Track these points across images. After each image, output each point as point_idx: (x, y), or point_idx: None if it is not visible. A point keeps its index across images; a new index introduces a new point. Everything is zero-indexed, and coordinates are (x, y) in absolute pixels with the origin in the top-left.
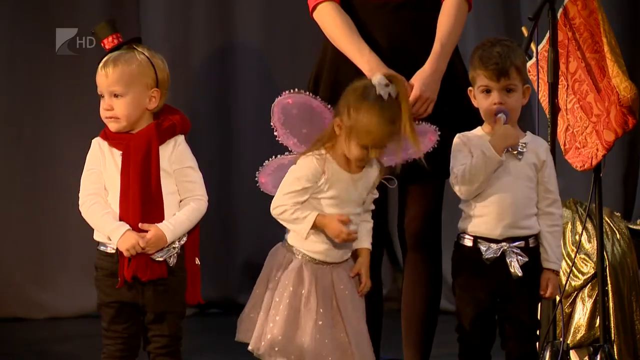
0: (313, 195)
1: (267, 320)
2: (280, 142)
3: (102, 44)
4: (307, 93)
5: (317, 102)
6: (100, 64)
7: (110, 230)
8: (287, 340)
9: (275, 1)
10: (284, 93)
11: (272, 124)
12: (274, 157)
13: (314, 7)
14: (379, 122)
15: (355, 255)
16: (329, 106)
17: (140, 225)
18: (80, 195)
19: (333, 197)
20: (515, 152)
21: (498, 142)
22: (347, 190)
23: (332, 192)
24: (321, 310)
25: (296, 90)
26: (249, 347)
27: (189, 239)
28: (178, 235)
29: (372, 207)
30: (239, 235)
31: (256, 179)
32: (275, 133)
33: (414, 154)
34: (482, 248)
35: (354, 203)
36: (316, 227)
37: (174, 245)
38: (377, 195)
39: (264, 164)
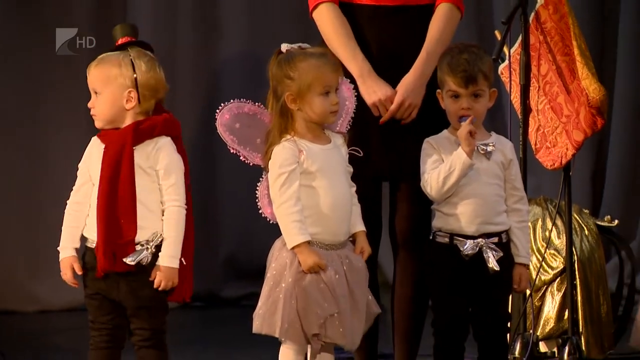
0: (304, 183)
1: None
2: (249, 163)
3: (115, 44)
4: (232, 100)
5: (247, 105)
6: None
7: (60, 246)
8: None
9: (259, 6)
10: (217, 115)
11: (231, 150)
12: (257, 186)
13: (315, 7)
14: (317, 61)
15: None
16: (257, 103)
17: (127, 260)
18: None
19: (319, 169)
20: (483, 152)
21: (465, 146)
22: (327, 160)
23: (316, 165)
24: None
25: (222, 105)
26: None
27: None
28: (179, 253)
29: (354, 186)
30: (222, 231)
31: (261, 212)
32: (242, 159)
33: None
34: (459, 245)
35: (340, 173)
36: (299, 249)
37: (147, 247)
38: (352, 170)
39: (257, 195)
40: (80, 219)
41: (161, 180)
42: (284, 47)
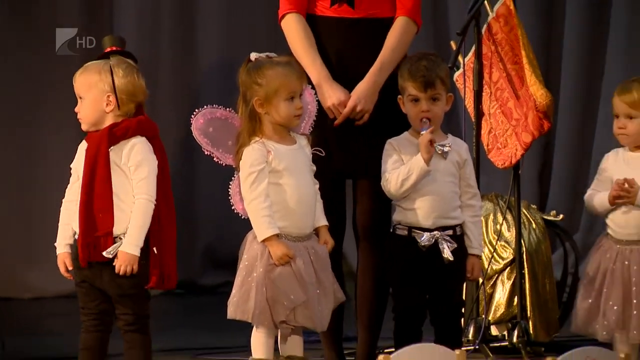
0: (272, 181)
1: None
2: (222, 164)
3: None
4: (206, 106)
5: (218, 110)
6: None
7: (56, 242)
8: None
9: (234, 18)
10: (192, 119)
11: (205, 152)
12: (230, 184)
13: (282, 17)
14: (282, 69)
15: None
16: (228, 109)
17: (104, 253)
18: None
19: (285, 168)
20: (440, 152)
21: (424, 153)
22: (293, 159)
23: (283, 164)
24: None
25: (196, 110)
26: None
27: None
28: (141, 242)
29: (317, 183)
30: (200, 225)
31: (233, 208)
32: (216, 160)
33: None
34: (417, 237)
35: (305, 171)
36: (269, 241)
37: (122, 240)
38: (315, 169)
39: (229, 192)
40: (72, 216)
41: (132, 175)
42: (253, 55)
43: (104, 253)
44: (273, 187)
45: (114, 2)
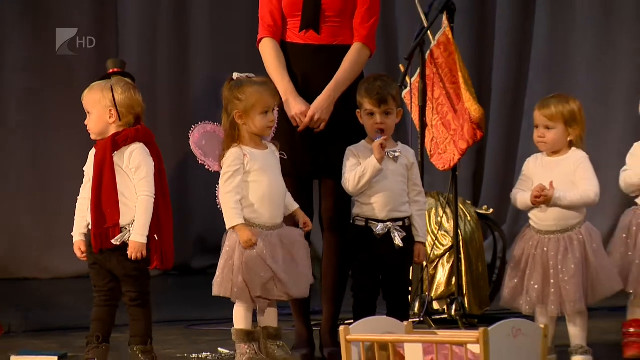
0: (249, 179)
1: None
2: (212, 170)
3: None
4: (199, 123)
5: (209, 125)
6: None
7: (73, 232)
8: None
9: (222, 42)
10: (190, 134)
11: (200, 161)
12: (217, 185)
13: (259, 40)
14: (259, 87)
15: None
16: (216, 123)
17: (113, 241)
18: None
19: (259, 169)
20: (392, 157)
21: (377, 155)
22: (266, 160)
23: (257, 165)
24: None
25: (193, 126)
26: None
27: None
28: (147, 232)
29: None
30: (193, 217)
31: (218, 204)
32: (207, 167)
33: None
34: (373, 227)
35: (276, 171)
36: (238, 228)
37: (129, 230)
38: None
39: (216, 192)
40: (85, 211)
41: (133, 176)
42: (235, 75)
43: (113, 241)
44: (250, 184)
45: (119, 30)
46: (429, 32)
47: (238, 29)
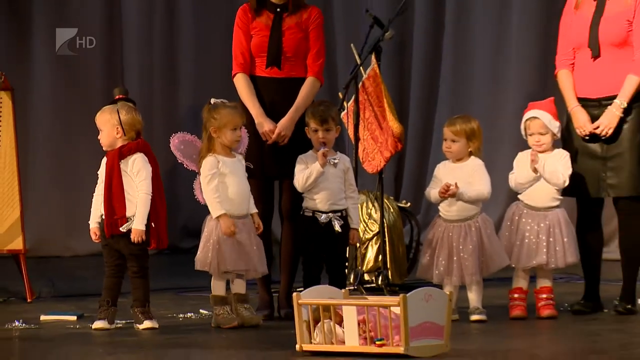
0: (221, 180)
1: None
2: (189, 169)
3: (114, 98)
4: (179, 132)
5: (187, 135)
6: None
7: (90, 221)
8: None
9: (206, 70)
10: (170, 139)
11: (179, 161)
12: (194, 181)
13: (234, 75)
14: (230, 110)
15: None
16: (193, 135)
17: (121, 229)
18: None
19: (229, 172)
20: (332, 163)
21: (320, 161)
22: (234, 166)
23: (228, 169)
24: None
25: (174, 134)
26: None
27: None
28: (145, 221)
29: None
30: (180, 207)
31: (195, 197)
32: (185, 166)
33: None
34: (318, 217)
35: (242, 175)
36: (220, 218)
37: (132, 220)
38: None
39: (194, 187)
40: (99, 205)
41: (135, 178)
42: (212, 100)
43: (121, 229)
44: (222, 185)
45: (124, 66)
46: (361, 68)
47: (217, 64)
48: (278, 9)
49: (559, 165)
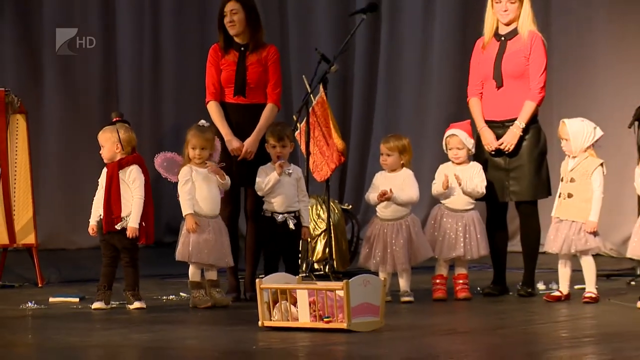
0: (196, 185)
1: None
2: (172, 181)
3: (112, 120)
4: (162, 152)
5: (169, 154)
6: None
7: (90, 219)
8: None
9: (186, 95)
10: (154, 159)
11: (163, 176)
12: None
13: (207, 102)
14: (194, 132)
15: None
16: (174, 152)
17: (116, 227)
18: None
19: (202, 180)
20: (288, 173)
21: (277, 170)
22: (206, 175)
23: (200, 178)
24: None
25: (157, 154)
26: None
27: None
28: (139, 220)
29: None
30: (164, 208)
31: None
32: (168, 180)
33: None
34: (275, 217)
35: (212, 182)
36: (187, 216)
37: (127, 219)
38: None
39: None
40: (99, 207)
41: (131, 185)
42: (201, 122)
43: (116, 226)
44: (195, 189)
45: (119, 90)
46: (311, 95)
47: (194, 92)
48: (242, 48)
49: (476, 178)
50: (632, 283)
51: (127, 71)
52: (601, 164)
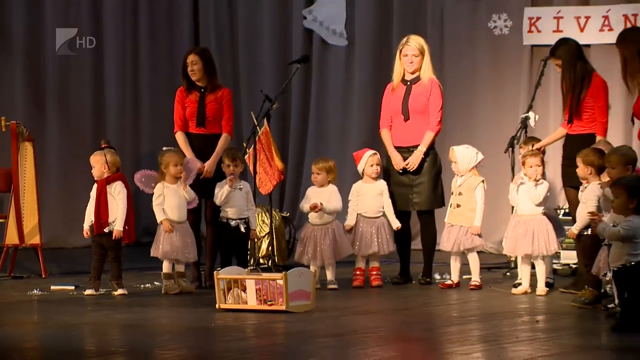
0: (167, 198)
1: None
2: (150, 193)
3: (101, 146)
4: (141, 170)
5: (148, 171)
6: None
7: (84, 223)
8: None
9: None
10: (134, 175)
11: (142, 189)
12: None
13: (175, 132)
14: (171, 153)
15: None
16: (152, 170)
17: (105, 230)
18: None
19: (171, 194)
20: (239, 188)
21: (229, 185)
22: (175, 190)
23: (170, 192)
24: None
25: (136, 171)
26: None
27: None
28: (122, 224)
29: (190, 198)
30: (142, 215)
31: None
32: (146, 192)
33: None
34: (230, 222)
35: (181, 198)
36: (163, 221)
37: (113, 224)
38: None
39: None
40: (90, 214)
41: (116, 197)
42: (164, 148)
43: (105, 230)
44: (167, 201)
45: (107, 122)
46: (257, 127)
47: (166, 123)
48: (202, 90)
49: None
50: (508, 274)
51: (114, 108)
52: (482, 181)
